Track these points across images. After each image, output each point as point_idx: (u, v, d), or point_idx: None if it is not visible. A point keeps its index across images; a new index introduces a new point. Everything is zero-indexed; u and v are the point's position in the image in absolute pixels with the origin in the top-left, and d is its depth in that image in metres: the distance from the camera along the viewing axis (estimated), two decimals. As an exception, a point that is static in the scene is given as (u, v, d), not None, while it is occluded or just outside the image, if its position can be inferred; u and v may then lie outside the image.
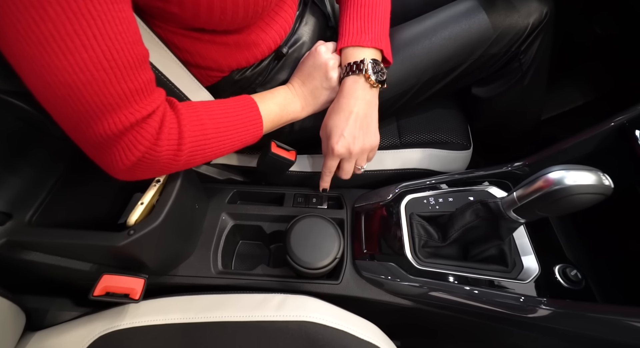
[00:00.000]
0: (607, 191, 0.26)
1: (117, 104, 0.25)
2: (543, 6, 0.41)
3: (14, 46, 0.21)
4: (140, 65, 0.26)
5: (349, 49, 0.40)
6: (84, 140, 0.27)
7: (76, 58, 0.22)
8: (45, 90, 0.23)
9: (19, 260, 0.31)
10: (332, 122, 0.40)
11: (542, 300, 0.32)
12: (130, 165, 0.28)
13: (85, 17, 0.21)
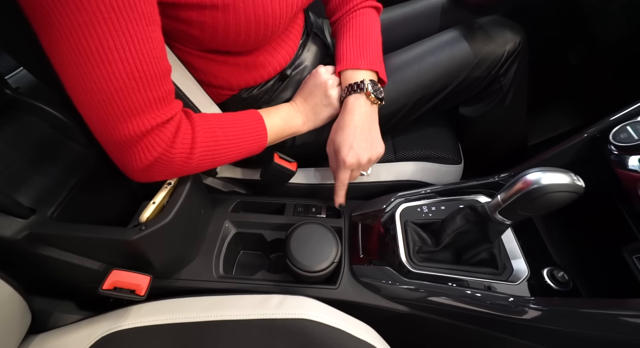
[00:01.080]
0: (579, 190, 0.29)
1: (142, 109, 0.29)
2: (516, 36, 0.47)
3: (64, 57, 0.26)
4: (164, 77, 0.30)
5: (349, 71, 0.45)
6: (109, 140, 0.30)
7: (113, 68, 0.26)
8: (83, 95, 0.27)
9: (36, 255, 0.33)
10: (340, 137, 0.43)
11: (531, 299, 0.33)
12: (147, 164, 0.31)
13: (125, 35, 0.26)
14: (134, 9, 0.25)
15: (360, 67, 0.44)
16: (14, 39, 0.34)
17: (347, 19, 0.47)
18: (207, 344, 0.33)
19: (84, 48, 0.25)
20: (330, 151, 0.46)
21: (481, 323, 0.37)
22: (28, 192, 0.32)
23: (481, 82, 0.49)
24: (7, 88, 0.33)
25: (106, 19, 0.24)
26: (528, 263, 0.37)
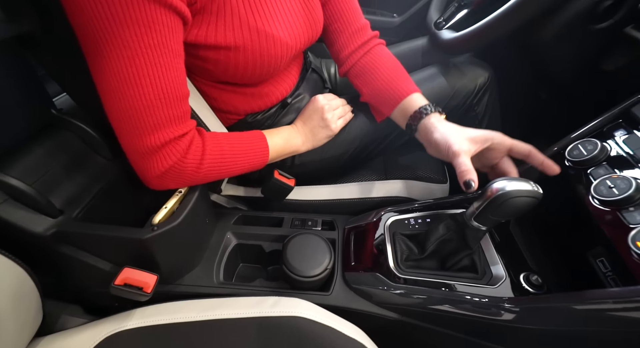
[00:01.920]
0: (537, 195, 0.33)
1: (163, 124, 0.35)
2: (485, 72, 0.55)
3: (107, 81, 0.32)
4: (183, 99, 0.36)
5: (410, 100, 0.48)
6: (134, 150, 0.35)
7: (145, 90, 0.33)
8: (118, 111, 0.33)
9: (57, 253, 0.36)
10: (450, 139, 0.43)
11: (506, 299, 0.35)
12: (163, 171, 0.37)
13: (156, 66, 0.32)
14: (166, 46, 0.32)
15: (415, 90, 0.49)
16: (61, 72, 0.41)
17: (374, 52, 0.52)
18: (206, 342, 0.35)
19: (123, 74, 0.31)
20: (439, 153, 0.45)
21: (465, 329, 0.39)
22: (58, 195, 0.37)
23: (458, 111, 0.56)
24: (53, 109, 0.39)
25: (144, 53, 0.31)
26: (506, 269, 0.40)
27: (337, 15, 0.50)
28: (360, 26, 0.52)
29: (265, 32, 0.40)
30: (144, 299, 0.37)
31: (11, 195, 0.33)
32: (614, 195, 0.32)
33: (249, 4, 0.39)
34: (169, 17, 0.32)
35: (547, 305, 0.32)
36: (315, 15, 0.47)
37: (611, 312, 0.28)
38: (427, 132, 0.46)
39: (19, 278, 0.33)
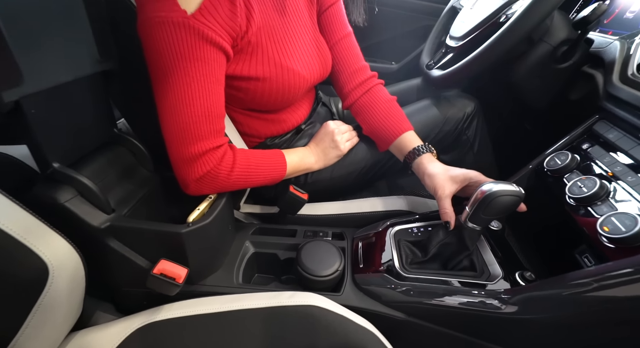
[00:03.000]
0: (519, 193, 0.39)
1: (205, 136, 0.43)
2: (471, 103, 0.64)
3: (166, 100, 0.41)
4: (221, 117, 0.45)
5: (404, 139, 0.56)
6: (179, 156, 0.43)
7: (195, 108, 0.42)
8: (172, 124, 0.42)
9: (106, 246, 0.42)
10: (436, 183, 0.50)
11: (502, 290, 0.39)
12: (200, 176, 0.44)
13: (205, 90, 0.42)
14: (214, 75, 0.42)
15: (408, 129, 0.57)
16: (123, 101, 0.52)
17: (372, 93, 0.60)
18: (228, 329, 0.39)
19: (180, 95, 0.41)
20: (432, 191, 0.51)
21: (467, 327, 0.42)
22: (113, 196, 0.44)
23: (451, 135, 0.64)
24: (115, 128, 0.48)
25: (198, 80, 0.41)
26: (502, 268, 0.44)
27: (340, 57, 0.61)
28: (359, 67, 0.62)
29: (287, 67, 0.50)
30: (175, 290, 0.41)
31: (79, 192, 0.40)
32: (584, 193, 0.38)
33: (275, 45, 0.50)
34: (218, 55, 0.42)
35: (539, 292, 0.35)
36: (325, 55, 0.58)
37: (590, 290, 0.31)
38: (419, 171, 0.54)
39: (75, 267, 0.38)
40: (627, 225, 0.31)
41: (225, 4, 0.40)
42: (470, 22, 0.64)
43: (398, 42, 1.15)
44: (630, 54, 0.43)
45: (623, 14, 0.60)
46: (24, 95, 0.32)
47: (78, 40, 0.38)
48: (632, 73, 0.41)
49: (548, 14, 0.44)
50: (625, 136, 0.40)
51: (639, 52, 0.42)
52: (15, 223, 0.32)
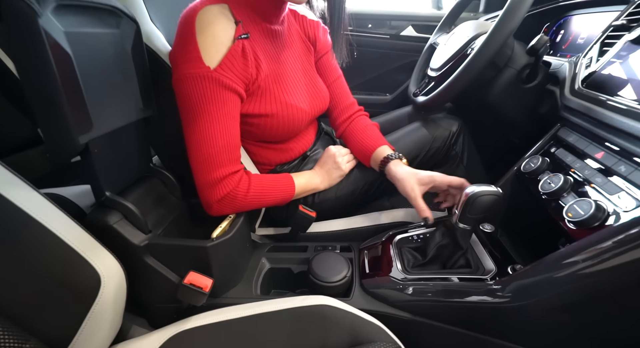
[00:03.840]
0: (497, 193, 0.45)
1: (224, 163, 0.52)
2: (455, 122, 0.72)
3: (193, 133, 0.50)
4: (238, 147, 0.54)
5: (378, 151, 0.65)
6: (204, 181, 0.52)
7: (217, 141, 0.51)
8: (197, 154, 0.51)
9: (143, 262, 0.48)
10: (406, 185, 0.57)
11: (495, 280, 0.43)
12: (221, 197, 0.52)
13: (226, 125, 0.51)
14: (232, 114, 0.52)
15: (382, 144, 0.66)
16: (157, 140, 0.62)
17: (356, 122, 0.71)
18: (251, 332, 0.43)
19: (205, 130, 0.50)
20: (406, 195, 0.58)
21: (468, 322, 0.45)
22: (149, 219, 0.51)
23: (441, 151, 0.72)
24: (151, 163, 0.58)
25: (219, 118, 0.51)
26: (495, 263, 0.48)
27: (333, 96, 0.72)
28: (349, 103, 0.73)
29: (290, 104, 0.60)
30: (202, 299, 0.47)
31: (124, 216, 0.48)
32: (552, 188, 0.43)
33: (279, 87, 0.60)
34: (235, 98, 0.52)
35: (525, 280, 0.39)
36: (322, 92, 0.68)
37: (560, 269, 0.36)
38: (391, 176, 0.61)
39: (120, 280, 0.45)
40: (585, 210, 0.37)
41: (239, 59, 0.51)
42: (445, 55, 0.75)
43: (390, 76, 1.29)
44: (576, 72, 0.51)
45: (576, 40, 0.70)
46: (92, 138, 0.42)
47: (129, 94, 0.49)
48: (579, 87, 0.48)
49: (499, 47, 0.54)
50: (581, 138, 0.47)
51: (582, 70, 0.50)
52: (76, 239, 0.40)
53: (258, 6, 0.54)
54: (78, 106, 0.39)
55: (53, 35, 0.34)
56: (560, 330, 0.40)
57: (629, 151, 0.38)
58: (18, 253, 0.35)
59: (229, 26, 0.50)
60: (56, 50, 0.34)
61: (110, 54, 0.44)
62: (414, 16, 1.23)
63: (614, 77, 0.44)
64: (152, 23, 0.56)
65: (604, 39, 0.49)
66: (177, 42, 0.51)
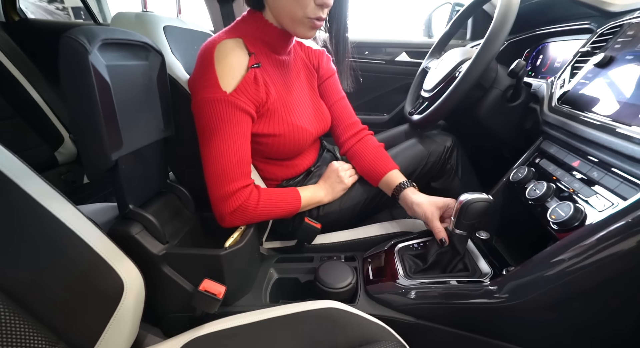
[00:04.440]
0: (488, 199, 0.49)
1: (236, 177, 0.56)
2: (449, 138, 0.78)
3: (209, 151, 0.55)
4: (249, 163, 0.59)
5: (390, 177, 0.69)
6: (218, 195, 0.56)
7: (230, 157, 0.56)
8: (212, 169, 0.56)
9: (160, 271, 0.52)
10: (425, 209, 0.60)
11: (490, 281, 0.46)
12: (233, 209, 0.56)
13: (238, 142, 0.56)
14: (244, 133, 0.57)
15: (392, 168, 0.70)
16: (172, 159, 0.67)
17: (364, 141, 0.75)
18: (263, 336, 0.46)
19: (220, 148, 0.55)
20: (425, 219, 0.60)
21: (468, 324, 0.47)
22: (166, 230, 0.55)
23: (437, 165, 0.76)
24: (168, 179, 0.62)
25: (232, 137, 0.56)
26: (491, 267, 0.51)
27: (337, 114, 0.78)
28: (352, 122, 0.78)
29: (295, 125, 0.66)
30: (216, 305, 0.50)
31: (145, 227, 0.52)
32: (537, 194, 0.48)
33: (286, 110, 0.66)
34: (247, 118, 0.58)
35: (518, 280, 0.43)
36: (324, 114, 0.74)
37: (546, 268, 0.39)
38: (406, 201, 0.65)
39: (140, 287, 0.48)
40: (565, 212, 0.41)
41: (252, 85, 0.58)
42: (436, 78, 0.82)
43: (387, 98, 1.37)
44: (553, 91, 0.57)
45: (553, 63, 0.77)
46: (121, 156, 0.47)
47: (152, 116, 0.55)
48: (555, 104, 0.54)
49: (482, 70, 0.60)
50: (561, 149, 0.52)
51: (557, 89, 0.56)
52: (104, 248, 0.44)
53: (268, 40, 0.62)
54: (112, 127, 0.44)
55: (98, 68, 0.40)
56: (552, 328, 0.42)
57: (599, 159, 0.43)
58: (55, 259, 0.38)
59: (243, 57, 0.57)
60: (99, 80, 0.40)
61: (139, 82, 0.50)
62: (407, 43, 1.34)
63: (584, 95, 0.49)
64: (173, 54, 0.63)
65: (573, 63, 0.56)
66: (197, 70, 0.57)
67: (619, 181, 0.38)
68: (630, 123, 0.40)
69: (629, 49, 0.45)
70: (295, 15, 0.55)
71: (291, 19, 0.56)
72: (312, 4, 0.53)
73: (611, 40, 0.49)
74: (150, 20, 0.61)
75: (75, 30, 0.38)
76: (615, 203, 0.37)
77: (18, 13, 1.15)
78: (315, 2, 0.53)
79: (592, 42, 0.54)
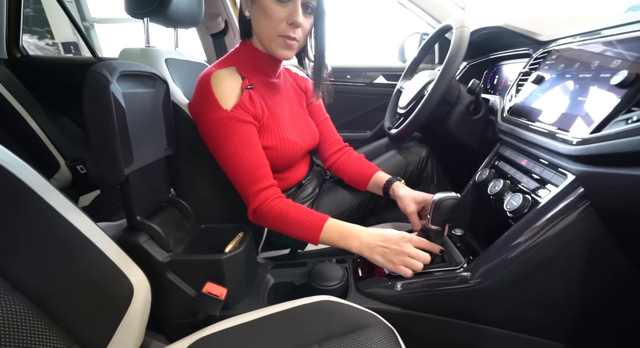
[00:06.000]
0: (456, 197, 0.57)
1: (259, 179, 0.63)
2: (424, 149, 0.87)
3: (226, 161, 0.62)
4: (265, 165, 0.65)
5: (377, 177, 0.78)
6: (245, 195, 0.63)
7: (245, 163, 0.62)
8: (234, 175, 0.62)
9: (164, 278, 0.56)
10: (404, 203, 0.69)
11: (462, 269, 0.53)
12: (256, 207, 0.62)
13: (250, 149, 0.63)
14: (252, 140, 0.64)
15: (377, 170, 0.79)
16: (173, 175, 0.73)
17: (346, 155, 0.85)
18: (263, 331, 0.50)
19: (234, 156, 0.62)
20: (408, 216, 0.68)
21: (446, 309, 0.53)
22: (170, 240, 0.60)
23: (415, 173, 0.85)
24: (170, 193, 0.68)
25: (241, 146, 0.63)
26: (465, 257, 0.58)
27: (322, 132, 0.87)
28: (335, 139, 0.88)
29: (286, 139, 0.73)
30: (219, 306, 0.54)
31: (151, 236, 0.56)
32: (496, 190, 0.56)
33: (278, 125, 0.73)
34: (251, 128, 0.65)
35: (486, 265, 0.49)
36: (312, 130, 0.83)
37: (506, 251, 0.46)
38: (395, 195, 0.74)
39: (147, 293, 0.51)
40: (517, 201, 0.49)
41: (248, 103, 0.65)
42: (408, 97, 0.92)
43: (368, 116, 1.48)
44: (503, 105, 0.67)
45: (507, 82, 0.89)
46: (131, 171, 0.53)
47: (158, 136, 0.61)
48: (506, 115, 0.64)
49: (444, 89, 0.71)
50: (513, 152, 0.61)
51: (507, 103, 0.66)
52: (115, 254, 0.48)
53: (259, 65, 0.70)
54: (125, 145, 0.50)
55: (116, 96, 0.47)
56: (516, 304, 0.49)
57: (538, 156, 0.52)
58: (72, 264, 0.43)
59: (237, 81, 0.65)
60: (117, 106, 0.47)
61: (148, 107, 0.57)
62: (384, 68, 1.48)
63: (526, 106, 0.59)
64: (174, 82, 0.71)
65: (517, 81, 0.67)
66: (197, 97, 0.65)
67: (552, 173, 0.47)
68: (567, 129, 0.49)
69: (553, 70, 0.55)
70: (270, 35, 0.64)
71: (268, 39, 0.64)
72: (284, 23, 0.62)
73: (542, 63, 0.60)
74: (154, 54, 0.70)
75: (99, 65, 0.45)
76: (550, 191, 0.45)
77: (20, 50, 1.22)
78: (287, 22, 0.62)
79: (530, 64, 0.65)
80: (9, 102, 1.06)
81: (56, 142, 1.18)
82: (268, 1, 0.60)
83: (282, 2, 0.60)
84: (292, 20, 0.61)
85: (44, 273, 0.40)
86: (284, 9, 0.61)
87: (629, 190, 0.33)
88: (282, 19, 0.61)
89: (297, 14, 0.61)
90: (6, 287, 0.34)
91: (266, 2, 0.60)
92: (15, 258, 0.36)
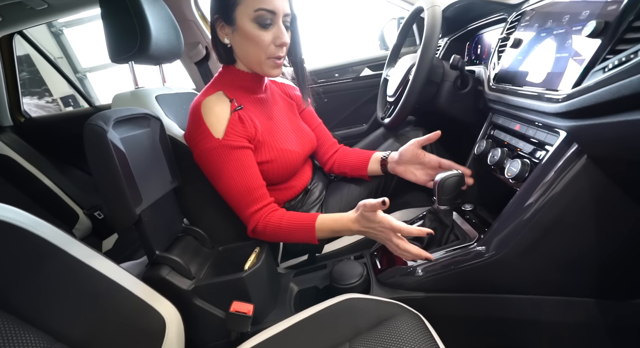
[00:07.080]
0: (458, 174, 0.57)
1: (254, 202, 0.65)
2: (419, 131, 0.87)
3: (224, 185, 0.64)
4: (261, 187, 0.67)
5: (373, 159, 0.81)
6: (242, 216, 0.65)
7: (241, 187, 0.64)
8: (231, 198, 0.64)
9: (191, 304, 0.58)
10: (400, 154, 0.76)
11: (476, 243, 0.53)
12: (254, 226, 0.64)
13: (246, 173, 0.65)
14: (247, 164, 0.66)
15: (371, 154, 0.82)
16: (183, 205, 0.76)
17: (341, 150, 0.89)
18: (296, 336, 0.51)
19: (232, 180, 0.64)
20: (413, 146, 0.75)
21: (468, 285, 0.53)
22: (191, 267, 0.62)
23: (415, 157, 0.85)
24: (183, 223, 0.70)
25: (238, 170, 0.65)
26: (478, 232, 0.57)
27: (318, 137, 0.89)
28: (331, 143, 0.90)
29: (284, 149, 0.75)
30: (248, 322, 0.55)
31: (172, 268, 0.59)
32: (496, 160, 0.56)
33: (273, 138, 0.75)
34: (246, 151, 0.67)
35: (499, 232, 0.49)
36: (308, 135, 0.84)
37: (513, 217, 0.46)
38: (393, 161, 0.77)
39: (179, 323, 0.54)
40: (517, 167, 0.48)
41: (238, 125, 0.67)
42: (395, 84, 0.93)
43: (362, 109, 1.49)
44: (489, 74, 0.67)
45: (490, 50, 0.88)
46: (142, 210, 0.55)
47: (161, 172, 0.64)
48: (492, 84, 0.64)
49: (427, 69, 0.71)
50: (505, 118, 0.60)
51: (491, 71, 0.66)
52: (142, 291, 0.51)
53: (244, 85, 0.73)
54: (132, 187, 0.53)
55: (115, 142, 0.49)
56: (537, 268, 0.48)
57: (529, 119, 0.51)
58: (103, 307, 0.45)
59: (226, 105, 0.67)
60: (117, 151, 0.50)
61: (146, 146, 0.60)
62: (368, 59, 1.48)
63: (509, 72, 0.59)
64: (167, 117, 0.73)
65: (498, 48, 0.66)
66: (190, 127, 0.67)
67: (546, 133, 0.46)
68: (554, 88, 0.48)
69: (529, 30, 0.55)
70: (259, 59, 0.66)
71: (257, 63, 0.67)
72: (271, 47, 0.64)
73: (517, 26, 0.60)
74: (144, 94, 0.73)
75: (94, 117, 0.48)
76: (548, 151, 0.45)
77: (23, 114, 1.29)
78: (275, 44, 0.64)
79: (507, 29, 0.65)
80: (22, 165, 1.13)
81: (71, 194, 1.24)
82: (251, 29, 0.63)
83: (266, 27, 0.63)
84: (279, 41, 0.64)
85: (79, 322, 0.42)
86: (269, 33, 0.63)
87: (618, 137, 0.33)
88: (270, 43, 0.64)
89: (282, 34, 0.64)
90: (49, 340, 0.36)
91: (249, 29, 0.63)
92: (50, 311, 0.38)
